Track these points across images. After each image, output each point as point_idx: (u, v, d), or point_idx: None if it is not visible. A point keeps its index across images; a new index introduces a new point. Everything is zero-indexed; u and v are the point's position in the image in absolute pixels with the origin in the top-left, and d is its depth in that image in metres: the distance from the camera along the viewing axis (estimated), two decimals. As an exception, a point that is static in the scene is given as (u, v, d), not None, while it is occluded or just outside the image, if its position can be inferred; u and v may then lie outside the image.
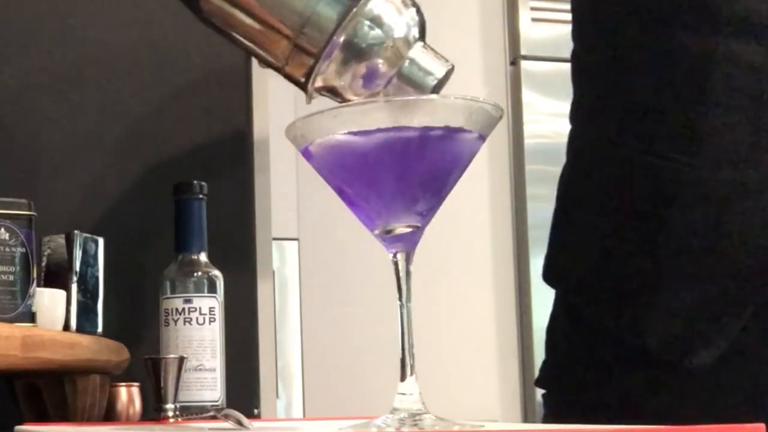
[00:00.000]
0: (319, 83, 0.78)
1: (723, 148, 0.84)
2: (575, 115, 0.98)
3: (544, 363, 1.00)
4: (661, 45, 0.87)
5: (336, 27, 0.74)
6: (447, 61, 0.79)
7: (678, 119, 0.86)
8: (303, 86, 0.79)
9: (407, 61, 0.77)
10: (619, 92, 0.92)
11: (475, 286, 2.27)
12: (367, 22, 0.75)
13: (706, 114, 0.84)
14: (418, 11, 0.78)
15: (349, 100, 0.78)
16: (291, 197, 2.14)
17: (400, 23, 0.76)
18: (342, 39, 0.74)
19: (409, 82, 0.77)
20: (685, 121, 0.85)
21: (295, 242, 2.20)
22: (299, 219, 2.19)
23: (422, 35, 0.79)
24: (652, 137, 0.87)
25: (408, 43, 0.77)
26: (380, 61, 0.76)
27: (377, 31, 0.75)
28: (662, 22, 0.87)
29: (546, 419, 0.99)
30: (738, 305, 0.86)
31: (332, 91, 0.78)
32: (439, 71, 0.78)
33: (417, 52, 0.77)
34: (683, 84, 0.86)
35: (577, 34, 0.98)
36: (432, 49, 0.79)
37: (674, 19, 0.87)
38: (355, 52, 0.75)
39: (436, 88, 0.79)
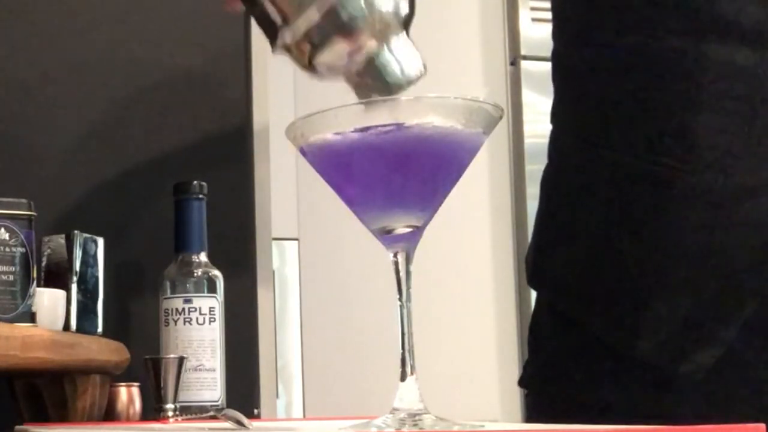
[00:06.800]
0: (286, 40, 0.74)
1: (715, 153, 0.83)
2: (557, 116, 0.96)
3: (527, 363, 0.99)
4: (650, 48, 0.86)
5: None
6: (423, 63, 0.76)
7: (669, 123, 0.85)
8: (271, 36, 0.75)
9: (386, 48, 0.72)
10: (604, 94, 0.90)
11: (475, 286, 2.27)
12: None
13: (697, 118, 0.83)
14: (412, 3, 0.76)
15: (312, 69, 0.75)
16: (291, 197, 2.14)
17: (391, 6, 0.74)
18: (327, 5, 0.71)
19: (380, 71, 0.72)
20: (676, 125, 0.84)
21: (295, 242, 2.20)
22: (299, 219, 2.18)
23: (407, 26, 0.76)
24: (642, 141, 0.86)
25: (392, 30, 0.74)
26: (358, 39, 0.73)
27: (365, 7, 0.72)
28: (652, 25, 0.86)
29: (529, 420, 0.98)
30: (732, 311, 0.84)
31: (297, 49, 0.74)
32: (414, 70, 0.73)
33: (400, 42, 0.72)
34: (674, 88, 0.85)
35: (558, 34, 0.96)
36: (413, 45, 0.76)
37: (664, 22, 0.86)
38: (334, 22, 0.72)
39: (406, 85, 0.74)
